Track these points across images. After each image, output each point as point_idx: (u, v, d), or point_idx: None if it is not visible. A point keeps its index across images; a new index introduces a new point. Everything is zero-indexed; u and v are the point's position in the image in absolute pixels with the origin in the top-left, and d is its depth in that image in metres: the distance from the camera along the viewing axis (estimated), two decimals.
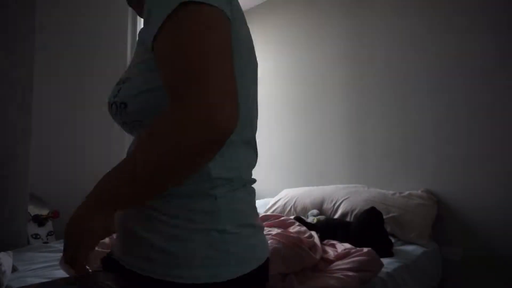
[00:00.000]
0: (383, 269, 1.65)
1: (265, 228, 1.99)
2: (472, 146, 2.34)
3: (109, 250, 1.48)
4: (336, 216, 2.55)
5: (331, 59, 3.19)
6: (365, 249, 1.69)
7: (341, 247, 1.87)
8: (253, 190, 0.88)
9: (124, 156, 0.77)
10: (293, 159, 3.43)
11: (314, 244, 1.77)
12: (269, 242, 1.54)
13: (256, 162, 0.83)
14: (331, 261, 1.68)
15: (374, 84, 2.87)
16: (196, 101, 0.52)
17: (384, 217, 2.14)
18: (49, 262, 1.67)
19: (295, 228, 2.02)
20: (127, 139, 3.21)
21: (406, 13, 2.70)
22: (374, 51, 2.88)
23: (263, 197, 3.17)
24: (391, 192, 2.54)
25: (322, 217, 2.59)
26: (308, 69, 3.38)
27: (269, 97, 3.75)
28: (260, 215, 2.36)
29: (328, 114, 3.18)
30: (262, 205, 3.11)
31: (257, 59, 0.85)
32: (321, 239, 1.98)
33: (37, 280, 1.43)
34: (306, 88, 3.38)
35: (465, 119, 2.37)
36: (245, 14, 0.77)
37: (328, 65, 3.21)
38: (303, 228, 2.02)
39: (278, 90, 3.65)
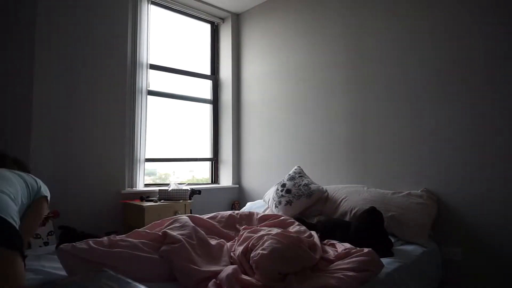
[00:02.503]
0: (383, 269, 1.65)
1: (265, 228, 1.99)
2: (472, 147, 2.33)
3: (107, 249, 1.49)
4: (336, 216, 2.55)
5: (332, 60, 3.19)
6: (366, 249, 1.69)
7: (341, 247, 1.87)
8: None
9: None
10: (293, 159, 3.43)
11: (314, 244, 1.77)
12: (269, 242, 1.55)
13: None
14: (331, 261, 1.68)
15: (374, 85, 2.87)
16: None
17: (384, 216, 2.14)
18: (49, 262, 1.66)
19: (295, 228, 2.02)
20: (126, 141, 3.22)
21: (406, 14, 2.70)
22: (374, 53, 2.88)
23: (263, 197, 3.17)
24: (390, 191, 2.54)
25: (322, 217, 2.59)
26: (309, 70, 3.38)
27: (269, 97, 3.75)
28: (260, 215, 2.36)
29: (328, 114, 3.18)
30: (263, 205, 3.10)
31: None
32: (321, 239, 1.97)
33: (37, 280, 1.42)
34: (307, 89, 3.38)
35: (465, 120, 2.37)
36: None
37: (329, 67, 3.21)
38: (303, 228, 2.02)
39: (278, 91, 3.65)
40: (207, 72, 4.20)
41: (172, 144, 3.81)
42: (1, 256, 1.12)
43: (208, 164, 4.16)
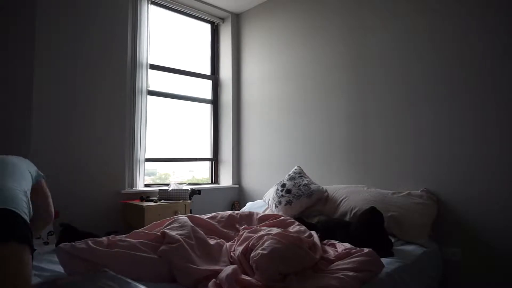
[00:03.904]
0: (384, 269, 1.65)
1: (265, 228, 1.99)
2: (472, 146, 2.33)
3: (106, 249, 1.49)
4: (336, 216, 2.54)
5: (332, 60, 3.19)
6: (366, 250, 1.69)
7: (341, 247, 1.87)
8: None
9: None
10: (293, 159, 3.42)
11: (314, 244, 1.77)
12: (269, 242, 1.55)
13: None
14: (332, 261, 1.68)
15: (374, 85, 2.87)
16: None
17: (384, 216, 2.14)
18: (48, 263, 1.66)
19: (295, 228, 2.02)
20: (126, 141, 3.22)
21: (407, 14, 2.69)
22: (374, 54, 2.88)
23: (263, 197, 3.17)
24: (390, 191, 2.54)
25: (322, 217, 2.59)
26: (309, 69, 3.38)
27: (269, 97, 3.75)
28: (260, 215, 2.36)
29: (328, 114, 3.18)
30: (263, 205, 3.10)
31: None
32: (321, 239, 1.97)
33: (37, 279, 1.42)
34: (307, 89, 3.38)
35: (465, 120, 2.37)
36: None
37: (329, 66, 3.21)
38: (303, 228, 2.02)
39: (278, 91, 3.65)
40: (207, 72, 4.20)
41: (172, 144, 3.81)
42: (13, 251, 1.12)
43: (208, 164, 4.16)
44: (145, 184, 3.42)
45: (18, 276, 1.11)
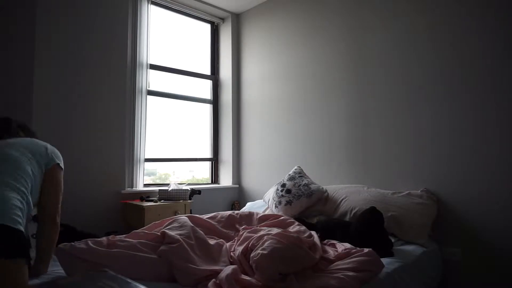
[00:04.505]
0: (383, 269, 1.65)
1: (265, 228, 1.99)
2: (472, 147, 2.33)
3: (106, 249, 1.49)
4: (336, 216, 2.54)
5: (332, 60, 3.19)
6: (366, 250, 1.69)
7: (341, 247, 1.87)
8: None
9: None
10: (293, 159, 3.42)
11: (314, 244, 1.77)
12: (269, 242, 1.55)
13: None
14: (332, 261, 1.68)
15: (374, 85, 2.87)
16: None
17: (384, 216, 2.13)
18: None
19: (295, 228, 2.02)
20: (126, 141, 3.22)
21: (407, 14, 2.69)
22: (374, 54, 2.88)
23: (263, 197, 3.17)
24: (390, 191, 2.54)
25: (322, 217, 2.59)
26: (309, 69, 3.38)
27: (269, 97, 3.75)
28: (260, 215, 2.36)
29: (328, 114, 3.18)
30: (263, 205, 3.10)
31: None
32: (321, 239, 1.97)
33: (37, 280, 1.42)
34: (307, 89, 3.38)
35: (465, 120, 2.37)
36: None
37: (329, 66, 3.21)
38: (303, 228, 2.02)
39: (278, 91, 3.65)
40: (207, 72, 4.20)
41: (172, 144, 3.81)
42: (8, 266, 1.08)
43: (208, 164, 4.16)
44: (145, 184, 3.42)
45: None
